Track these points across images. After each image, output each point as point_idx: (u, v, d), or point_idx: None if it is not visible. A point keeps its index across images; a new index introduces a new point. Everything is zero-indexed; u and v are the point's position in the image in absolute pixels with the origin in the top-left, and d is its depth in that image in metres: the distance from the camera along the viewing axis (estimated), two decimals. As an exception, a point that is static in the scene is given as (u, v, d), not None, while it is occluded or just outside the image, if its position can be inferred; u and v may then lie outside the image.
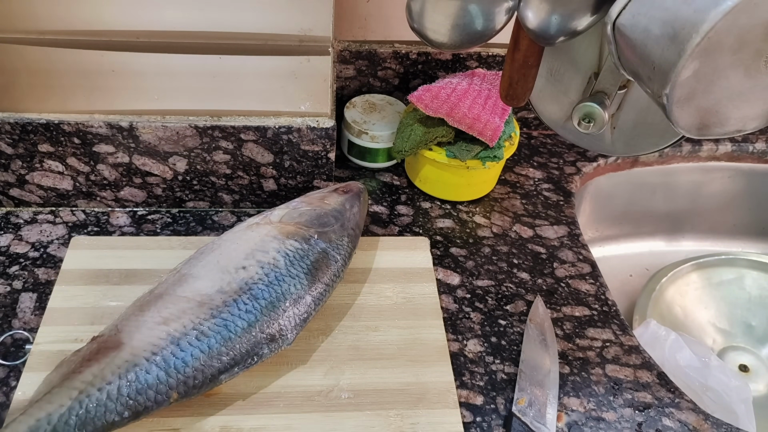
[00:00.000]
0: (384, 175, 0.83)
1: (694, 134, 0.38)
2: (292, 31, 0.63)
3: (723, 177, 0.96)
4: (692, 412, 0.60)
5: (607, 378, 0.62)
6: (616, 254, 0.99)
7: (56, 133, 0.66)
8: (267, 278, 0.56)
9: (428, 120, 0.75)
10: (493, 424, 0.57)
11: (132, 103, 0.66)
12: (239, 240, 0.59)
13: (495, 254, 0.74)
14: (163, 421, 0.53)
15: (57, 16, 0.59)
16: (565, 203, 0.82)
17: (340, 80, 0.86)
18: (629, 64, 0.39)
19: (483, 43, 0.45)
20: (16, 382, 0.56)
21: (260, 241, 0.59)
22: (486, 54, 0.85)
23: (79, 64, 0.62)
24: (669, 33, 0.34)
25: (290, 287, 0.56)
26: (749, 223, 1.01)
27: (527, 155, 0.89)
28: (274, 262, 0.57)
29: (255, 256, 0.57)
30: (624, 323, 0.68)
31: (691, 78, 0.34)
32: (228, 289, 0.55)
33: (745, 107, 0.37)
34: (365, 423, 0.55)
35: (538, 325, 0.66)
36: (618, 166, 0.92)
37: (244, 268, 0.56)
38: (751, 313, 0.90)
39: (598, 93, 0.47)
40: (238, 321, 0.53)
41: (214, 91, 0.66)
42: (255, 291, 0.55)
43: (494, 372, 0.62)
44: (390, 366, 0.60)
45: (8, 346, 0.60)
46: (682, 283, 0.90)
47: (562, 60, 0.49)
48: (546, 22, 0.42)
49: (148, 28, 0.61)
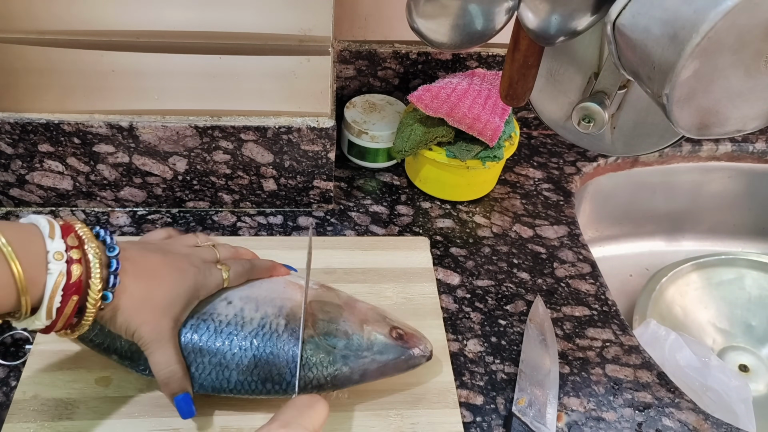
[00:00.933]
0: (384, 175, 0.83)
1: (694, 134, 0.38)
2: (292, 31, 0.63)
3: (723, 177, 0.96)
4: (692, 412, 0.60)
5: (607, 378, 0.62)
6: (616, 254, 0.99)
7: (56, 133, 0.66)
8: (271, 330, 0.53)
9: (428, 120, 0.75)
10: (493, 424, 0.57)
11: (132, 103, 0.66)
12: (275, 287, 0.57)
13: (495, 254, 0.74)
14: (164, 421, 0.53)
15: (57, 15, 0.59)
16: (565, 203, 0.82)
17: (340, 80, 0.86)
18: (629, 64, 0.39)
19: (483, 43, 0.45)
20: (16, 382, 0.56)
21: (290, 298, 0.55)
22: (486, 54, 0.85)
23: (79, 63, 0.62)
24: (669, 33, 0.34)
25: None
26: (749, 223, 1.01)
27: (527, 155, 0.89)
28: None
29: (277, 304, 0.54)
30: (624, 323, 0.68)
31: (691, 78, 0.34)
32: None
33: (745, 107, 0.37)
34: (365, 423, 0.55)
35: (538, 325, 0.65)
36: (618, 166, 0.92)
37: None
38: (751, 313, 0.90)
39: (598, 93, 0.47)
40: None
41: (214, 91, 0.66)
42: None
43: (494, 372, 0.62)
44: (390, 366, 0.60)
45: (8, 345, 0.60)
46: (682, 283, 0.90)
47: (562, 60, 0.49)
48: (546, 22, 0.42)
49: (148, 27, 0.61)
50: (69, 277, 0.42)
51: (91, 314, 0.44)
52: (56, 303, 0.42)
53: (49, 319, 0.43)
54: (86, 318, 0.44)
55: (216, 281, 0.53)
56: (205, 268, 0.53)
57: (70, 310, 0.43)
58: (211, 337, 0.51)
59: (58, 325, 0.44)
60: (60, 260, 0.42)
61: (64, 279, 0.42)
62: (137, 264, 0.48)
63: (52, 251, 0.42)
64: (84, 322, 0.45)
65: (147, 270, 0.49)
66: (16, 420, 0.53)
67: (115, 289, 0.45)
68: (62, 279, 0.42)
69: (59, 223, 0.44)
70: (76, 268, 0.42)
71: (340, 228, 0.75)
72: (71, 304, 0.43)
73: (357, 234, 0.75)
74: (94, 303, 0.44)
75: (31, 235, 0.42)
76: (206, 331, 0.52)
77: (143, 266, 0.49)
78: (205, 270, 0.52)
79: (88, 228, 0.46)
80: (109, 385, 0.56)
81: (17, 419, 0.53)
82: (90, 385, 0.56)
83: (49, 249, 0.42)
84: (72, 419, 0.53)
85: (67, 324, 0.44)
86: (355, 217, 0.77)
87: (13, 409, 0.53)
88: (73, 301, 0.43)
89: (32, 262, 0.41)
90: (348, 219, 0.76)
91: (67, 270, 0.42)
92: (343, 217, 0.76)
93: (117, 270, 0.45)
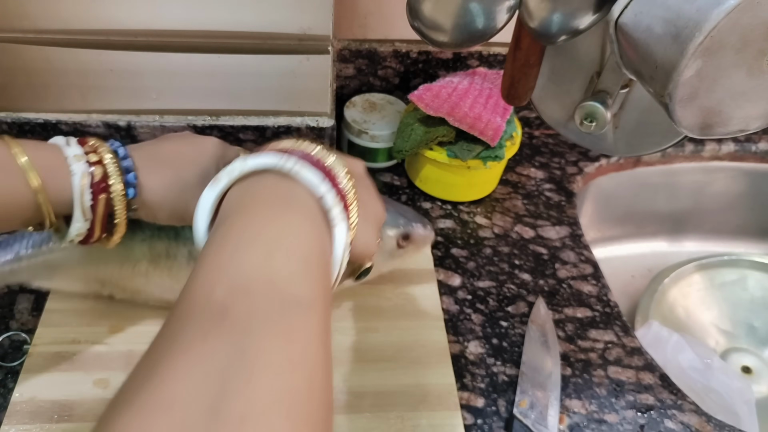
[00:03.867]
0: (384, 175, 0.83)
1: (697, 134, 0.38)
2: (291, 29, 0.62)
3: (726, 177, 0.96)
4: (695, 414, 0.60)
5: (609, 380, 0.62)
6: (618, 255, 0.99)
7: (53, 132, 0.66)
8: None
9: (429, 119, 0.74)
10: (494, 427, 0.57)
11: (130, 103, 0.65)
12: None
13: (496, 255, 0.74)
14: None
15: (54, 15, 0.59)
16: (567, 203, 0.82)
17: (340, 79, 0.85)
18: (631, 63, 0.39)
19: (484, 42, 0.45)
20: (14, 384, 0.55)
21: None
22: (487, 53, 0.85)
23: (77, 63, 0.62)
24: (671, 32, 0.34)
25: None
26: (752, 224, 1.00)
27: (529, 155, 0.89)
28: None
29: None
30: (626, 324, 0.68)
31: (693, 77, 0.34)
32: None
33: (748, 107, 0.36)
34: (365, 425, 0.55)
35: (539, 326, 0.65)
36: (620, 166, 0.92)
37: None
38: (754, 315, 0.89)
39: (600, 92, 0.47)
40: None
41: (213, 90, 0.65)
42: None
43: (495, 374, 0.61)
44: (390, 368, 0.59)
45: (6, 347, 0.59)
46: (684, 284, 0.90)
47: (564, 59, 0.48)
48: (547, 20, 0.41)
49: (147, 27, 0.61)
50: (92, 177, 0.44)
51: (121, 211, 0.46)
52: (87, 201, 0.44)
53: (86, 219, 0.45)
54: (118, 218, 0.46)
55: (233, 151, 0.53)
56: (218, 141, 0.53)
57: (102, 208, 0.45)
58: None
59: (97, 228, 0.46)
60: (80, 161, 0.44)
61: (89, 179, 0.44)
62: (154, 156, 0.49)
63: (71, 155, 0.44)
64: (118, 222, 0.47)
65: (166, 159, 0.49)
66: (14, 422, 0.52)
67: (139, 185, 0.47)
68: (87, 179, 0.44)
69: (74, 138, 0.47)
70: (97, 168, 0.45)
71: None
72: (101, 202, 0.45)
73: (357, 234, 0.74)
74: (120, 200, 0.46)
75: (48, 148, 0.45)
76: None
77: (161, 157, 0.49)
78: (219, 142, 0.53)
79: (101, 140, 0.48)
80: (108, 387, 0.56)
81: (15, 421, 0.52)
82: (88, 387, 0.55)
83: (67, 154, 0.44)
84: (70, 421, 0.53)
85: (104, 226, 0.46)
86: (355, 217, 0.76)
87: (10, 411, 0.53)
88: (102, 198, 0.45)
89: (52, 167, 0.43)
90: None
91: (90, 171, 0.44)
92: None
93: (131, 167, 0.47)
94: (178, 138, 0.53)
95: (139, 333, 0.60)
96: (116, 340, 0.59)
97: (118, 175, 0.45)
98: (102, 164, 0.45)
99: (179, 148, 0.51)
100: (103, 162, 0.45)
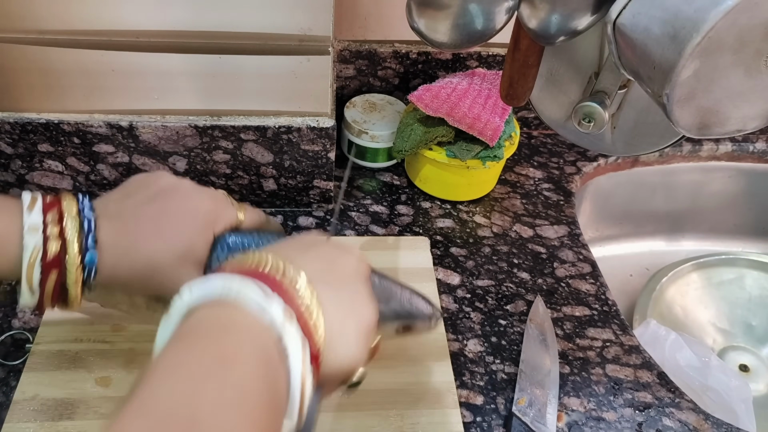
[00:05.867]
0: (384, 174, 0.83)
1: (695, 134, 0.38)
2: (292, 30, 0.63)
3: (723, 177, 0.96)
4: (692, 412, 0.60)
5: (608, 378, 0.62)
6: (616, 254, 0.99)
7: (56, 132, 0.66)
8: None
9: (428, 119, 0.75)
10: (493, 424, 0.57)
11: (132, 103, 0.66)
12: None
13: (495, 254, 0.74)
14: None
15: (57, 15, 0.59)
16: (565, 203, 0.82)
17: (340, 80, 0.85)
18: (629, 63, 0.39)
19: (483, 42, 0.45)
20: (16, 382, 0.56)
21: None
22: (486, 53, 0.85)
23: (79, 63, 0.62)
24: (669, 32, 0.34)
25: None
26: (750, 223, 1.01)
27: (527, 155, 0.89)
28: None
29: None
30: (624, 323, 0.68)
31: (691, 77, 0.34)
32: None
33: (746, 107, 0.37)
34: (365, 422, 0.55)
35: (538, 324, 0.65)
36: (618, 165, 0.92)
37: None
38: (752, 313, 0.90)
39: (599, 93, 0.47)
40: None
41: (214, 90, 0.66)
42: None
43: (494, 372, 0.62)
44: (390, 366, 0.59)
45: (8, 346, 0.59)
46: (682, 282, 0.90)
47: (563, 60, 0.49)
48: (546, 21, 0.42)
49: (148, 27, 0.61)
50: (45, 253, 0.41)
51: (74, 289, 0.43)
52: (35, 277, 0.41)
53: (33, 294, 0.42)
54: (70, 296, 0.43)
55: (231, 215, 0.49)
56: (217, 196, 0.49)
57: (51, 285, 0.42)
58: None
59: (46, 302, 0.43)
60: (35, 234, 0.41)
61: (40, 254, 0.41)
62: (128, 227, 0.45)
63: (27, 225, 0.41)
64: (71, 299, 0.43)
65: (143, 231, 0.45)
66: (16, 420, 0.53)
67: (100, 264, 0.43)
68: (37, 255, 0.41)
69: (46, 199, 0.43)
70: (53, 242, 0.41)
71: (340, 228, 0.75)
72: (51, 280, 0.42)
73: (357, 234, 0.74)
74: (75, 279, 0.42)
75: (6, 211, 0.41)
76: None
77: (138, 227, 0.45)
78: (218, 199, 0.49)
79: (76, 201, 0.44)
80: (110, 385, 0.56)
81: (17, 419, 0.53)
82: (90, 385, 0.56)
83: (24, 223, 0.41)
84: (72, 419, 0.53)
85: (55, 299, 0.43)
86: (355, 216, 0.77)
87: (13, 409, 0.53)
88: (53, 275, 0.42)
89: (3, 235, 0.40)
90: (348, 219, 0.76)
91: (44, 244, 0.41)
92: (343, 217, 0.76)
93: (93, 245, 0.43)
94: (167, 194, 0.48)
95: (141, 332, 0.60)
96: (118, 338, 0.60)
97: (77, 255, 0.42)
98: (62, 237, 0.42)
99: (164, 209, 0.46)
100: (64, 235, 0.42)
